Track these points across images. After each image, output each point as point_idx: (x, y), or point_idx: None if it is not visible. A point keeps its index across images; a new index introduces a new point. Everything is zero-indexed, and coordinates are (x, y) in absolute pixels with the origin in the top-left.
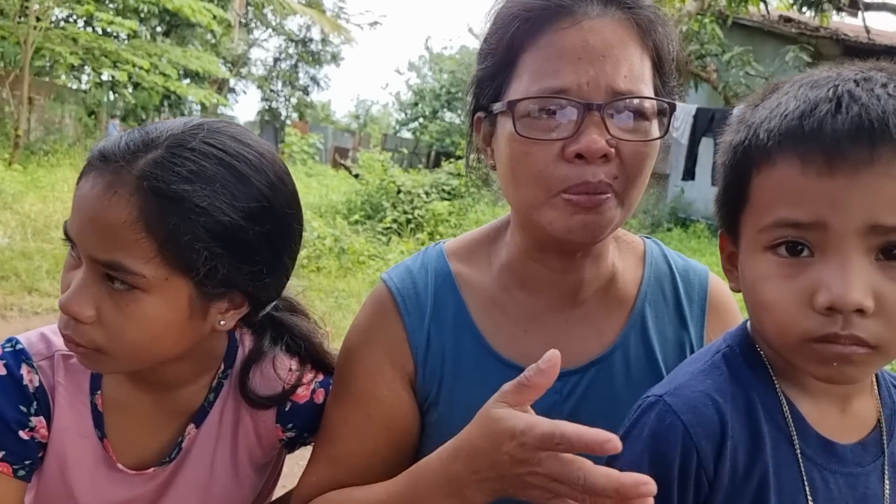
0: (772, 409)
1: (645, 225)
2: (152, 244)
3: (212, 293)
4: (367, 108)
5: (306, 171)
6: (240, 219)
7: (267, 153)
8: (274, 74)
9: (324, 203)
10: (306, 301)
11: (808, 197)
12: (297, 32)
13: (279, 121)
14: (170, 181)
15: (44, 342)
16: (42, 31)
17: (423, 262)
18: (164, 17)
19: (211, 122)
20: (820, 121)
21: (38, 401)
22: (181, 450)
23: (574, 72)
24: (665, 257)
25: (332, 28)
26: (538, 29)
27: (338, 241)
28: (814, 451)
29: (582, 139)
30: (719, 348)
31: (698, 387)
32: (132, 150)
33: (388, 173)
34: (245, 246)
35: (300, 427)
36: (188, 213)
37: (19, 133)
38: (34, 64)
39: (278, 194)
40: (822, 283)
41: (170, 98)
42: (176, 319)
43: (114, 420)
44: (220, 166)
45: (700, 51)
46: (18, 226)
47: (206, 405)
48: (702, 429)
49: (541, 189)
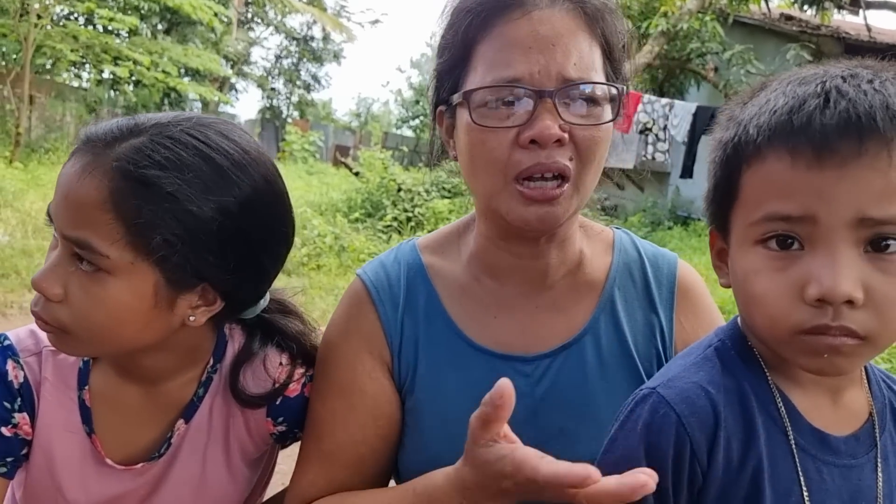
0: (765, 401)
1: (645, 223)
2: (119, 226)
3: (179, 284)
4: (368, 106)
5: (307, 169)
6: (211, 211)
7: (254, 152)
8: (275, 72)
9: (324, 201)
10: (303, 301)
11: (798, 190)
12: (299, 30)
13: (280, 119)
14: (142, 165)
15: (32, 338)
16: (43, 29)
17: (396, 256)
18: (165, 15)
19: (202, 117)
20: (809, 115)
21: (22, 397)
22: (171, 445)
23: (526, 61)
24: (634, 245)
25: (334, 26)
26: (490, 21)
27: (338, 240)
28: (808, 442)
29: (536, 125)
30: (711, 342)
31: (691, 378)
32: (115, 135)
33: (389, 171)
34: (215, 239)
35: (291, 421)
36: (156, 198)
37: (20, 131)
38: (35, 62)
39: (260, 193)
40: (813, 275)
41: (170, 96)
42: (139, 306)
43: (102, 415)
44: (197, 157)
45: (701, 49)
46: (19, 224)
47: (196, 400)
48: (695, 419)
49: (498, 176)
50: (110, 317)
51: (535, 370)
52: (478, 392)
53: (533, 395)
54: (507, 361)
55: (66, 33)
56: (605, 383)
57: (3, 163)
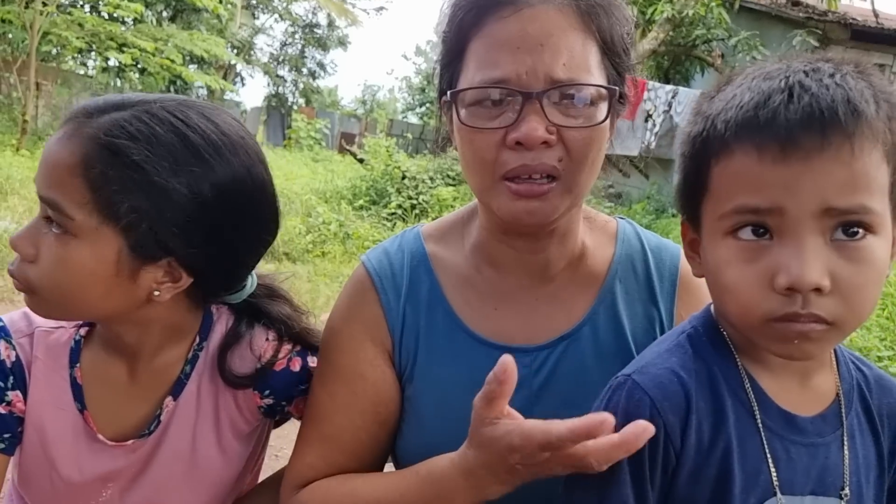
0: (734, 384)
1: (649, 211)
2: (86, 190)
3: (143, 255)
4: (373, 93)
5: (313, 156)
6: (180, 186)
7: (235, 136)
8: (280, 60)
9: (329, 188)
10: (308, 288)
11: (765, 184)
12: (304, 17)
13: (286, 106)
14: (115, 135)
15: (25, 320)
16: (48, 17)
17: (400, 244)
18: (170, 2)
19: (188, 99)
20: (774, 111)
21: (14, 375)
22: (160, 423)
23: (513, 62)
24: (638, 236)
25: (339, 11)
26: (482, 18)
27: (343, 227)
28: (775, 422)
29: (521, 127)
30: (684, 329)
31: (664, 364)
32: (100, 108)
33: (393, 159)
34: (182, 215)
35: (277, 394)
36: (122, 166)
37: (27, 119)
38: (41, 49)
39: (236, 177)
40: (781, 265)
41: (176, 83)
42: (101, 271)
43: (93, 392)
44: (171, 133)
45: (706, 35)
46: (26, 211)
47: (183, 377)
48: (668, 403)
49: (487, 174)
50: (72, 279)
51: (534, 361)
52: (477, 382)
53: (531, 385)
54: (507, 352)
55: (72, 20)
56: (602, 374)
57: (10, 151)
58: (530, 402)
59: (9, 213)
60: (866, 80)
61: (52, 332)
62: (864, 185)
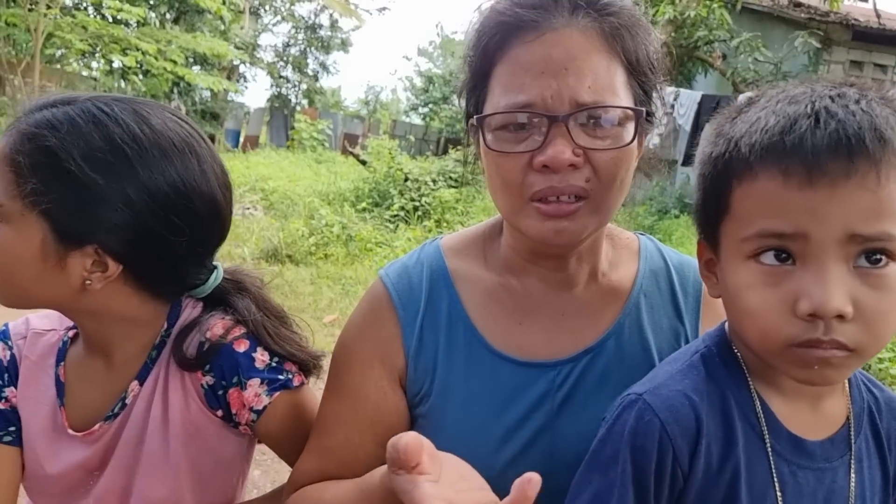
0: (745, 408)
1: (652, 212)
2: (12, 177)
3: (67, 241)
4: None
5: (316, 157)
6: (91, 172)
7: (179, 139)
8: (283, 61)
9: (332, 190)
10: (311, 291)
11: (790, 208)
12: (306, 18)
13: (289, 107)
14: (40, 126)
15: (25, 324)
16: (52, 19)
17: (419, 258)
18: (174, 4)
19: (134, 98)
20: (800, 136)
21: (9, 373)
22: (125, 406)
23: (538, 86)
24: (660, 252)
25: (343, 10)
26: (506, 43)
27: (345, 229)
28: (784, 447)
29: (548, 150)
30: (697, 349)
31: (676, 386)
32: (42, 104)
33: (396, 161)
34: (97, 199)
35: (216, 371)
36: (34, 152)
37: None
38: (45, 52)
39: (166, 175)
40: (804, 290)
41: (179, 85)
42: (27, 256)
43: (72, 387)
44: (91, 124)
45: (708, 37)
46: None
47: (149, 362)
48: (678, 427)
49: (515, 197)
50: (3, 263)
51: (558, 375)
52: (498, 399)
53: (554, 399)
54: (530, 368)
55: (76, 23)
56: (626, 388)
57: None
58: (552, 417)
59: None
60: (891, 106)
61: (43, 334)
62: (889, 212)
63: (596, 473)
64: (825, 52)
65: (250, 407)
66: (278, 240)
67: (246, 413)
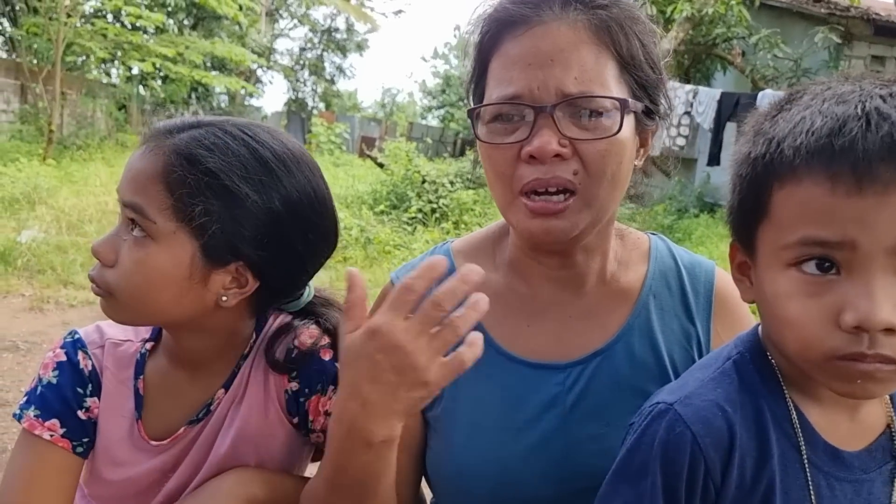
0: (780, 418)
1: (671, 211)
2: (167, 195)
3: (215, 259)
4: (393, 96)
5: (333, 161)
6: (249, 191)
7: (297, 152)
8: (300, 64)
9: (350, 193)
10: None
11: (837, 216)
12: (322, 22)
13: (306, 111)
14: (193, 147)
15: (98, 332)
16: (72, 28)
17: None
18: (192, 10)
19: (255, 122)
20: (851, 140)
21: (92, 383)
22: (209, 412)
23: (525, 77)
24: (671, 252)
25: (358, 15)
26: (499, 37)
27: (364, 232)
28: (820, 458)
29: (534, 141)
30: (730, 354)
31: (708, 396)
32: (180, 126)
33: (413, 163)
34: (250, 217)
35: (302, 378)
36: (199, 173)
37: (52, 128)
38: (65, 59)
39: (301, 189)
40: (849, 302)
41: (197, 90)
42: (176, 274)
43: (152, 400)
44: (242, 146)
45: (726, 34)
46: (53, 220)
47: (236, 369)
48: (710, 439)
49: (506, 190)
50: (148, 281)
51: (567, 378)
52: (508, 400)
53: (564, 402)
54: (540, 369)
55: (95, 31)
56: (637, 390)
57: (36, 160)
58: (564, 419)
59: (37, 222)
60: None
61: (120, 344)
62: None
63: (625, 485)
64: (846, 47)
65: (326, 411)
66: None
67: (322, 418)
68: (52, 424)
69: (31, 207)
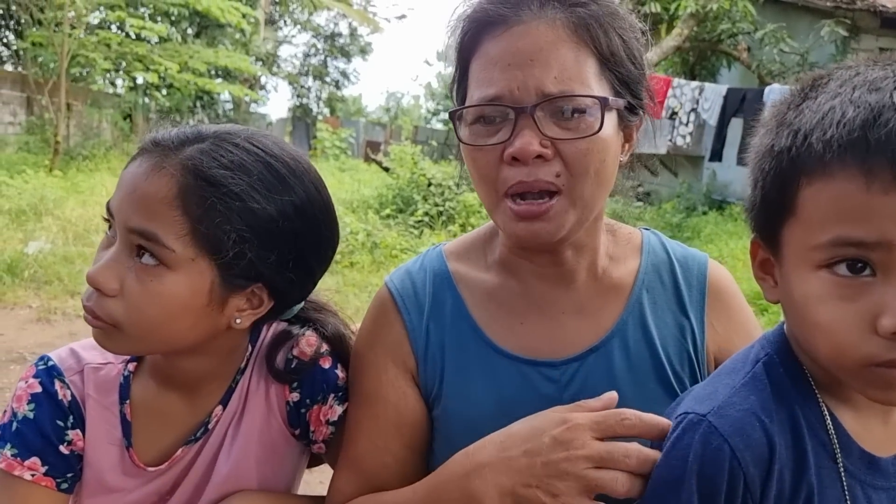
0: (815, 425)
1: (679, 209)
2: (186, 221)
3: (234, 283)
4: (397, 100)
5: (339, 166)
6: (272, 210)
7: (304, 162)
8: (304, 70)
9: (356, 198)
10: (337, 300)
11: (873, 214)
12: (325, 27)
13: (311, 116)
14: (211, 166)
15: (73, 357)
16: (77, 39)
17: (422, 264)
18: (195, 19)
19: (255, 129)
20: (888, 132)
21: (73, 414)
22: (207, 430)
23: (504, 78)
24: (663, 246)
25: (361, 19)
26: (478, 39)
27: (370, 236)
28: (856, 466)
29: (516, 142)
30: (758, 356)
31: (743, 405)
32: (181, 139)
33: (418, 166)
34: (274, 237)
35: (303, 388)
36: (224, 196)
37: (58, 139)
38: (70, 71)
39: (312, 199)
40: (888, 306)
41: (202, 98)
42: (194, 303)
43: (142, 426)
44: (258, 162)
45: (731, 29)
46: (60, 231)
47: (233, 384)
48: (749, 453)
49: (491, 192)
50: (164, 311)
51: (563, 375)
52: (504, 397)
53: (561, 399)
54: (535, 367)
55: (99, 41)
56: (634, 386)
57: (43, 171)
58: None
59: (43, 233)
60: None
61: (100, 368)
62: None
63: (654, 494)
64: (853, 40)
65: (327, 419)
66: None
67: (324, 428)
68: (32, 463)
69: (38, 219)
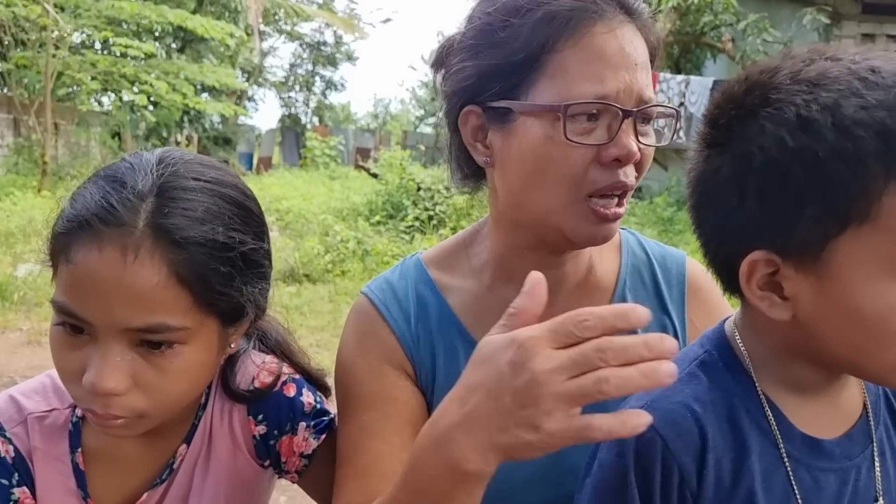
0: (755, 413)
1: (670, 203)
2: (188, 295)
3: (233, 320)
4: (385, 105)
5: (329, 174)
6: (248, 240)
7: (228, 171)
8: (291, 80)
9: (345, 206)
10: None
11: None
12: (311, 37)
13: (300, 126)
14: (184, 227)
15: (14, 406)
16: (61, 59)
17: (401, 273)
18: (179, 34)
19: (170, 154)
20: None
21: (18, 471)
22: (172, 470)
23: (615, 78)
24: (641, 245)
25: (346, 27)
26: (576, 30)
27: (361, 244)
28: (800, 451)
29: (621, 144)
30: (696, 355)
31: (675, 397)
32: (124, 206)
33: (407, 171)
34: (252, 263)
35: (270, 420)
36: (214, 252)
37: (46, 160)
38: (56, 91)
39: (257, 207)
40: None
41: (189, 113)
42: (211, 359)
43: (98, 474)
44: (215, 197)
45: (714, 21)
46: None
47: (196, 422)
48: (681, 443)
49: (571, 190)
50: (189, 382)
51: None
52: None
53: None
54: None
55: (84, 61)
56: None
57: (31, 192)
58: None
59: (33, 255)
60: None
61: (45, 417)
62: None
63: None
64: (835, 27)
65: (300, 452)
66: (294, 259)
67: (295, 459)
68: None
69: (27, 240)
